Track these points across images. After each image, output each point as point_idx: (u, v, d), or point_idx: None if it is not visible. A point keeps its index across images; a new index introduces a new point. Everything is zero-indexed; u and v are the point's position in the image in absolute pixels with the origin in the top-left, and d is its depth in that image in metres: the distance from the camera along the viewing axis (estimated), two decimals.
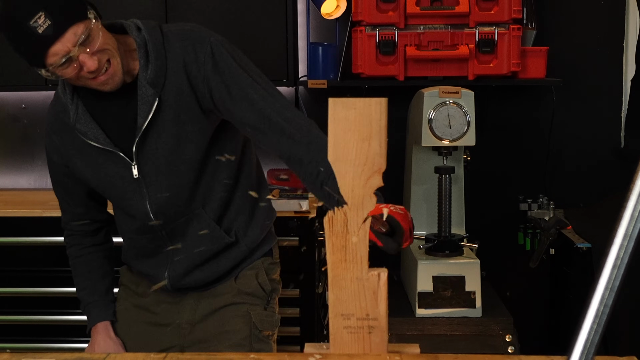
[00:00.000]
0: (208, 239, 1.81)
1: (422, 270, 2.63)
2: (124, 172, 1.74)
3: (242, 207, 1.84)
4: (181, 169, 1.73)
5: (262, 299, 1.91)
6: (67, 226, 1.96)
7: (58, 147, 1.80)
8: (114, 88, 1.65)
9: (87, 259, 1.96)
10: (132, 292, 1.96)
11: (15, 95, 3.33)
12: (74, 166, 1.80)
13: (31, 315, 2.90)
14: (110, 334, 1.92)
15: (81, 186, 1.86)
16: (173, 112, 1.68)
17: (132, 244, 1.89)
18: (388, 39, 2.93)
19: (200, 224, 1.80)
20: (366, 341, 1.19)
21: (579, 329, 0.71)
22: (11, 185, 3.40)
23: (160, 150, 1.71)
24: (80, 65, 1.57)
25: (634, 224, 0.69)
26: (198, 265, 1.84)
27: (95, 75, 1.60)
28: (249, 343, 1.85)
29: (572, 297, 2.90)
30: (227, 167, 1.79)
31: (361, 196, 1.13)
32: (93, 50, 1.57)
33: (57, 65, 1.56)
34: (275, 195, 2.90)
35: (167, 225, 1.80)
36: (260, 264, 1.92)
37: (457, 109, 2.62)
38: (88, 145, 1.73)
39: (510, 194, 3.27)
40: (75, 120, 1.71)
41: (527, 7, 3.08)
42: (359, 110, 1.10)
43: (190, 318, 1.88)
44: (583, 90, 3.27)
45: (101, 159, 1.74)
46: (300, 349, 1.71)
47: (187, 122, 1.70)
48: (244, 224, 1.85)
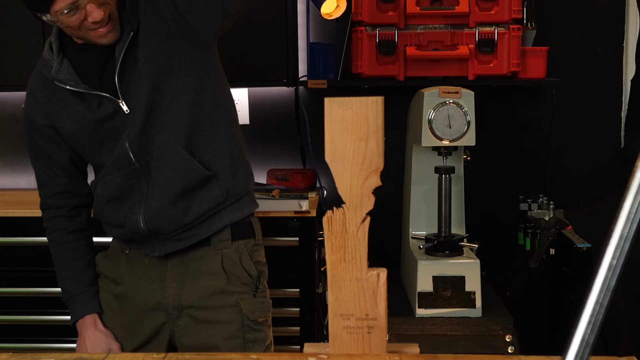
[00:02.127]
0: (182, 171, 1.79)
1: (422, 270, 2.63)
2: (112, 113, 1.76)
3: (216, 147, 1.83)
4: (155, 96, 1.75)
5: (250, 285, 1.89)
6: (47, 203, 1.93)
7: (43, 105, 1.81)
8: (112, 41, 1.72)
9: (71, 247, 1.93)
10: (110, 280, 1.93)
11: (15, 95, 3.33)
12: (61, 122, 1.80)
13: (31, 315, 2.89)
14: (99, 326, 1.90)
15: (65, 150, 1.85)
16: (146, 43, 1.74)
17: (107, 185, 1.84)
18: (388, 39, 2.93)
19: (174, 156, 1.78)
20: (365, 341, 1.19)
21: (574, 328, 0.71)
22: (11, 185, 3.41)
23: (141, 83, 1.74)
24: (86, 14, 1.63)
25: (630, 225, 0.70)
26: (172, 200, 1.80)
27: (98, 26, 1.67)
28: (242, 334, 1.85)
29: (572, 297, 2.90)
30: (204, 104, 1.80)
31: (359, 196, 1.13)
32: (100, 2, 1.64)
33: (63, 12, 1.61)
34: (276, 195, 2.90)
35: (141, 157, 1.78)
36: (243, 247, 1.89)
37: (457, 109, 2.62)
38: (72, 95, 1.76)
39: (510, 194, 3.27)
40: (57, 72, 1.75)
41: (527, 7, 3.08)
42: (355, 109, 1.10)
43: (175, 303, 1.86)
44: (583, 90, 3.27)
45: (86, 105, 1.77)
46: (300, 349, 1.71)
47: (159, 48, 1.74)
48: (220, 165, 1.83)
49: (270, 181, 3.13)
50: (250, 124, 3.25)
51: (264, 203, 2.77)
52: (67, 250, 1.93)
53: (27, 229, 2.82)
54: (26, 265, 2.88)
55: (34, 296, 2.89)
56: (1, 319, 2.90)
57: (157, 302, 1.87)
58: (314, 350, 1.22)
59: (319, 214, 2.81)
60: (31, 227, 2.81)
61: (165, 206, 1.80)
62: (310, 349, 1.23)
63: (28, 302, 2.90)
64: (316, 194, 3.00)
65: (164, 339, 1.89)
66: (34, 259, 2.84)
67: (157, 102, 1.76)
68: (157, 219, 1.81)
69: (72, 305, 1.92)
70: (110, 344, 1.89)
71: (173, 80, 1.76)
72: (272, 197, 2.87)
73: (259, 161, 3.27)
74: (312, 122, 3.05)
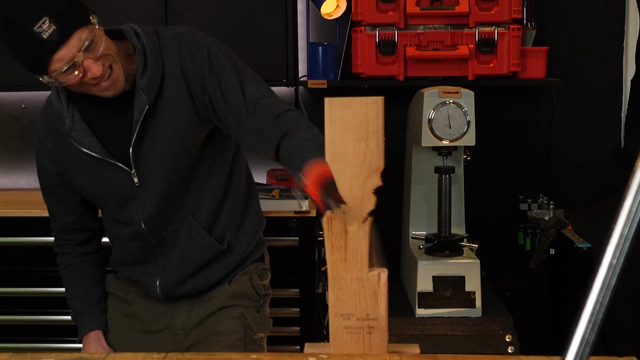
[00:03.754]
0: (199, 248, 1.80)
1: (422, 270, 2.63)
2: (124, 180, 1.73)
3: (232, 215, 1.84)
4: (173, 175, 1.72)
5: (256, 301, 1.91)
6: (59, 237, 1.94)
7: (53, 155, 1.78)
8: (116, 94, 1.64)
9: (79, 267, 1.94)
10: (121, 299, 1.94)
11: (15, 95, 3.33)
12: (71, 174, 1.78)
13: (31, 315, 2.89)
14: (103, 343, 1.91)
15: (75, 195, 1.84)
16: (168, 118, 1.67)
17: (123, 250, 1.87)
18: (388, 39, 2.93)
19: (190, 232, 1.78)
20: (366, 341, 1.19)
21: (575, 328, 0.71)
22: (11, 185, 3.40)
23: (156, 157, 1.70)
24: (84, 70, 1.55)
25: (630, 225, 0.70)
26: (190, 275, 1.83)
27: (99, 81, 1.58)
28: (244, 344, 1.85)
29: (572, 297, 2.90)
30: (218, 175, 1.78)
31: (360, 196, 1.13)
32: (97, 56, 1.56)
33: (61, 72, 1.54)
34: (276, 195, 2.90)
35: (157, 234, 1.78)
36: (253, 269, 1.92)
37: (457, 109, 2.62)
38: (84, 154, 1.71)
39: (510, 194, 3.27)
40: (70, 129, 1.68)
41: (527, 7, 3.07)
42: (355, 109, 1.10)
43: (184, 324, 1.87)
44: (583, 90, 3.27)
45: (99, 167, 1.73)
46: (300, 349, 1.71)
47: (182, 128, 1.69)
48: (235, 232, 1.85)
49: (270, 181, 3.13)
50: None
51: (264, 203, 2.77)
52: (74, 270, 1.94)
53: (27, 229, 2.82)
54: (26, 265, 2.88)
55: (34, 296, 2.89)
56: (1, 319, 2.90)
57: (167, 324, 1.89)
58: (314, 350, 1.22)
59: (319, 214, 2.81)
60: (31, 227, 2.81)
61: (183, 280, 1.83)
62: (310, 349, 1.23)
63: (28, 302, 2.90)
64: None
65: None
66: (34, 259, 2.84)
67: (175, 182, 1.73)
68: (174, 290, 1.84)
69: (79, 322, 1.94)
70: None
71: (192, 161, 1.73)
72: (272, 197, 2.87)
73: (259, 161, 3.26)
74: (312, 122, 3.04)
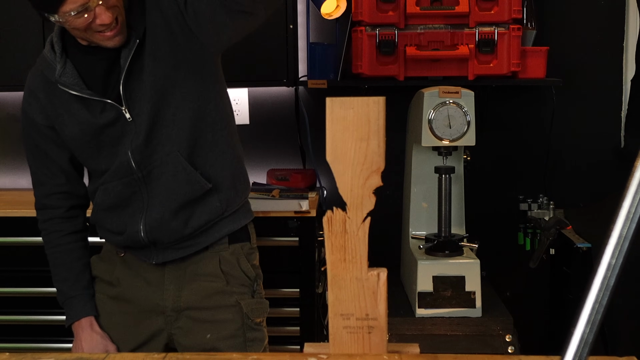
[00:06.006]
0: (184, 182, 1.79)
1: (422, 270, 2.63)
2: (115, 119, 1.75)
3: (217, 159, 1.83)
4: (162, 109, 1.75)
5: (248, 287, 1.90)
6: (44, 203, 1.92)
7: (44, 106, 1.79)
8: (118, 44, 1.70)
9: (68, 249, 1.92)
10: (106, 282, 1.92)
11: (15, 95, 3.33)
12: (60, 123, 1.79)
13: (31, 315, 2.89)
14: (96, 328, 1.89)
15: (64, 151, 1.84)
16: (156, 54, 1.72)
17: (107, 193, 1.83)
18: (388, 39, 2.93)
19: (176, 167, 1.78)
20: (366, 341, 1.19)
21: (573, 328, 0.71)
22: (11, 185, 3.41)
23: (143, 89, 1.73)
24: (94, 16, 1.61)
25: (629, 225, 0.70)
26: (173, 212, 1.80)
27: (105, 30, 1.64)
28: (243, 333, 1.85)
29: (572, 297, 2.90)
30: (206, 116, 1.80)
31: (360, 196, 1.13)
32: (108, 4, 1.62)
33: (71, 14, 1.58)
34: (276, 195, 2.90)
35: (143, 167, 1.78)
36: (240, 250, 1.90)
37: (457, 109, 2.62)
38: (74, 98, 1.74)
39: (510, 194, 3.27)
40: (60, 74, 1.72)
41: (527, 7, 3.08)
42: (356, 109, 1.10)
43: (174, 305, 1.86)
44: (583, 90, 3.27)
45: (90, 112, 1.75)
46: (300, 349, 1.71)
47: (167, 59, 1.73)
48: (221, 177, 1.84)
49: (270, 181, 3.13)
50: (250, 124, 3.25)
51: (264, 203, 2.79)
52: (64, 252, 1.93)
53: (27, 229, 2.81)
54: (26, 265, 2.88)
55: (34, 296, 2.89)
56: (1, 319, 2.90)
57: (155, 304, 1.87)
58: (314, 350, 1.22)
59: (319, 214, 2.81)
60: (31, 227, 2.78)
61: (166, 217, 1.81)
62: (310, 349, 1.23)
63: (28, 302, 2.90)
64: (316, 194, 3.00)
65: (161, 342, 1.89)
66: (34, 259, 2.83)
67: (161, 112, 1.75)
68: (158, 230, 1.81)
69: (68, 307, 1.92)
70: (106, 345, 1.89)
71: (177, 91, 1.75)
72: (272, 197, 2.87)
73: (259, 161, 3.27)
74: (312, 122, 3.05)
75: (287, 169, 3.22)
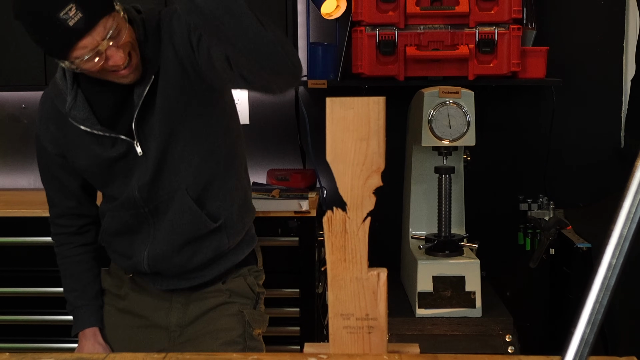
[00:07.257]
0: (189, 221, 1.78)
1: (422, 270, 2.63)
2: (126, 152, 1.73)
3: (225, 196, 1.82)
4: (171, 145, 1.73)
5: (252, 299, 1.91)
6: (56, 222, 1.94)
7: (55, 136, 1.79)
8: (133, 81, 1.65)
9: (78, 260, 1.94)
10: (114, 295, 1.94)
11: (15, 95, 3.33)
12: (72, 155, 1.78)
13: (31, 315, 2.89)
14: (99, 339, 1.91)
15: (75, 178, 1.84)
16: (168, 90, 1.68)
17: (114, 220, 1.85)
18: (388, 39, 2.93)
19: (181, 205, 1.77)
20: (366, 341, 1.19)
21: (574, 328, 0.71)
22: (11, 185, 3.40)
23: (154, 125, 1.70)
24: (106, 58, 1.56)
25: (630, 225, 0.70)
26: (177, 249, 1.80)
27: (119, 69, 1.60)
28: (244, 340, 1.85)
29: (572, 297, 2.90)
30: (215, 152, 1.78)
31: (360, 196, 1.13)
32: (119, 44, 1.57)
33: (83, 59, 1.54)
34: (276, 195, 2.90)
35: (149, 202, 1.77)
36: (247, 272, 1.92)
37: (457, 109, 2.62)
38: (85, 132, 1.72)
39: (510, 194, 3.27)
40: (71, 107, 1.69)
41: (527, 7, 3.08)
42: (357, 109, 1.10)
43: (179, 321, 1.87)
44: (583, 90, 3.27)
45: (100, 146, 1.74)
46: (300, 349, 1.71)
47: (178, 96, 1.69)
48: (227, 214, 1.83)
49: (270, 181, 3.13)
50: (250, 124, 3.25)
51: (264, 203, 2.78)
52: (73, 263, 1.94)
53: (27, 229, 2.82)
54: (26, 265, 2.88)
55: (34, 296, 2.89)
56: (1, 319, 2.90)
57: (161, 319, 1.88)
58: (314, 350, 1.22)
59: (319, 214, 2.81)
60: (31, 227, 2.81)
61: (169, 253, 1.81)
62: (310, 349, 1.23)
63: (28, 302, 2.90)
64: (316, 194, 3.00)
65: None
66: (34, 259, 2.84)
67: (170, 148, 1.73)
68: (161, 263, 1.82)
69: (75, 316, 1.94)
70: None
71: (187, 128, 1.73)
72: (272, 197, 2.87)
73: (259, 161, 3.27)
74: (312, 122, 3.05)
75: (287, 169, 3.22)
